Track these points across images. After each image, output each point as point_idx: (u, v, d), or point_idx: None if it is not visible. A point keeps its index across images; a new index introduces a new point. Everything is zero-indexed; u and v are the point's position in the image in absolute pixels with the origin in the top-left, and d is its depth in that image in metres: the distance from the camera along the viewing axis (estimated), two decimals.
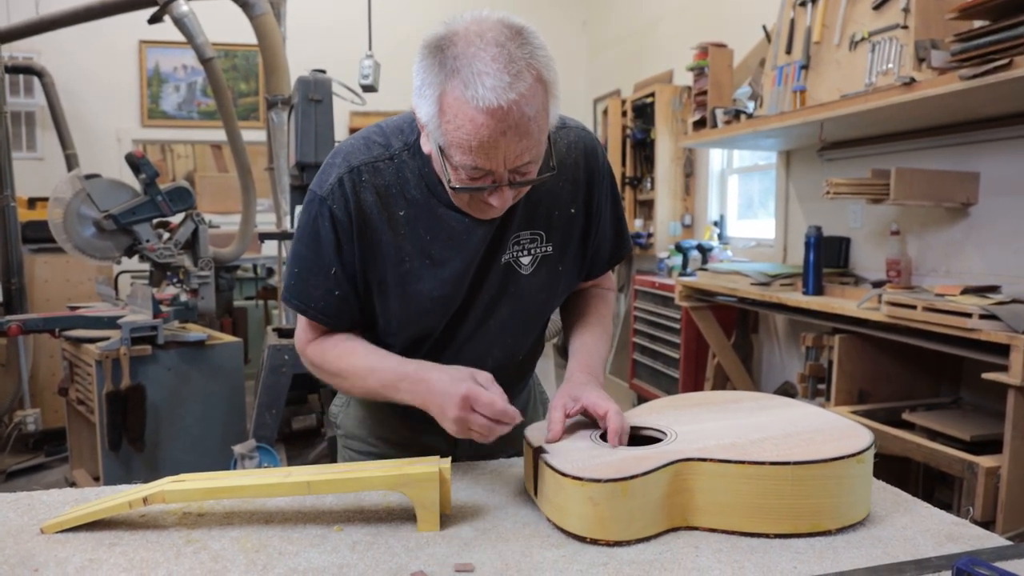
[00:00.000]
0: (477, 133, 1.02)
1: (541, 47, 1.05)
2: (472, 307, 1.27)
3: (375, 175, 1.19)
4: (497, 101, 1.00)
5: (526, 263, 1.27)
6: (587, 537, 1.02)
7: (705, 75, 4.20)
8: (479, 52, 1.01)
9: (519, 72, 1.01)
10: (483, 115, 1.01)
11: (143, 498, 1.07)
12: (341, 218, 1.19)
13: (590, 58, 7.46)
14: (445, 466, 1.09)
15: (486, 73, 1.00)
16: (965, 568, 0.87)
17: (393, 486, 1.08)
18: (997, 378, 2.30)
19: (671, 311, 4.72)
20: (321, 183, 1.21)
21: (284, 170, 3.85)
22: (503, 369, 1.35)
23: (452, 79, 1.02)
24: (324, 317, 1.26)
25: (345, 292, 1.23)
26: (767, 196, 4.78)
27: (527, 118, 1.02)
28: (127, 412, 3.18)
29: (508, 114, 1.01)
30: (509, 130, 1.02)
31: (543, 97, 1.05)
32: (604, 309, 1.42)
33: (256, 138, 5.87)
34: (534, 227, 1.26)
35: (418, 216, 1.21)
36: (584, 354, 1.31)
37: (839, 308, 3.01)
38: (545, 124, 1.07)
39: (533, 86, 1.03)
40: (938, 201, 2.97)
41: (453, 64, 1.02)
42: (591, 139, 1.32)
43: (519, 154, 1.05)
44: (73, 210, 3.46)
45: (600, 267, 1.40)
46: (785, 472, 1.01)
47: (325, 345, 1.29)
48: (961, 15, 2.45)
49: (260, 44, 3.91)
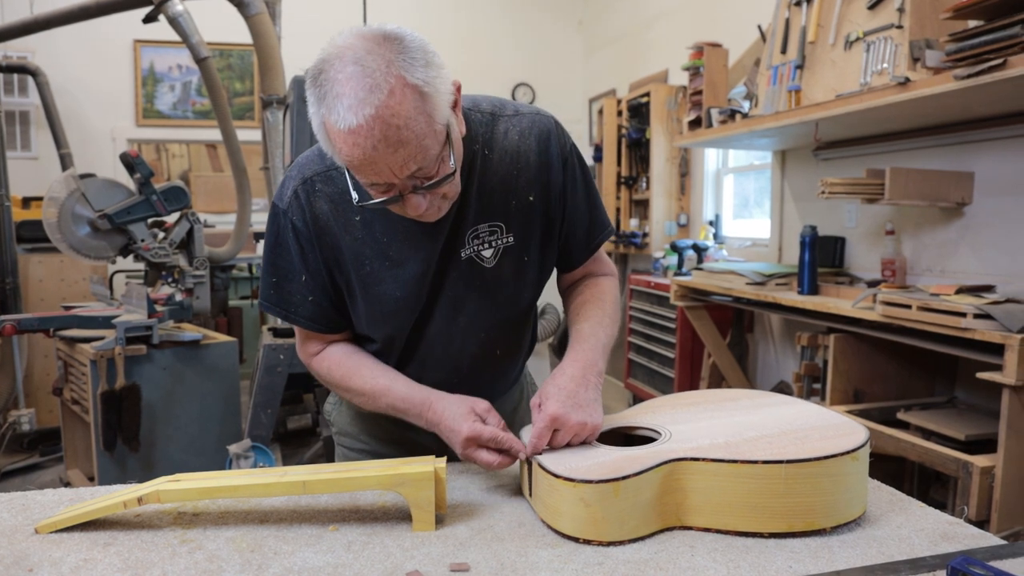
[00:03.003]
0: (351, 153, 1.03)
1: (408, 49, 1.03)
2: (438, 305, 1.28)
3: (327, 184, 1.22)
4: (356, 120, 0.99)
5: (488, 256, 1.27)
6: (580, 538, 1.02)
7: (700, 75, 4.21)
8: (337, 75, 1.01)
9: (375, 85, 0.99)
10: (349, 136, 1.01)
11: (138, 498, 1.07)
12: (301, 228, 1.23)
13: (585, 57, 7.46)
14: (440, 465, 1.09)
15: (343, 95, 1.00)
16: (960, 567, 0.87)
17: (388, 486, 1.08)
18: (991, 377, 2.31)
19: (666, 311, 4.72)
20: (281, 196, 1.25)
21: (279, 170, 3.85)
22: (483, 364, 1.36)
23: (322, 105, 1.03)
24: (308, 321, 1.29)
25: (318, 298, 1.28)
26: (762, 196, 4.78)
27: (395, 127, 1.00)
28: (122, 412, 3.17)
29: (372, 129, 1.00)
30: (379, 144, 1.01)
31: (413, 101, 1.01)
32: (601, 293, 1.38)
33: (251, 137, 5.86)
34: (492, 219, 1.25)
35: (374, 219, 1.22)
36: (576, 345, 1.29)
37: (834, 308, 3.01)
38: (426, 127, 1.03)
39: (395, 93, 1.00)
40: (933, 201, 2.98)
41: (321, 91, 1.02)
42: (546, 123, 1.28)
43: (402, 163, 1.03)
44: (68, 209, 3.45)
45: (581, 252, 1.38)
46: (778, 471, 1.01)
47: (330, 362, 1.33)
48: (955, 15, 2.45)
49: (255, 43, 3.89)
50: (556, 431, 1.13)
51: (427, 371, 1.33)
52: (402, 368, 1.34)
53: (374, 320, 1.28)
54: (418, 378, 1.33)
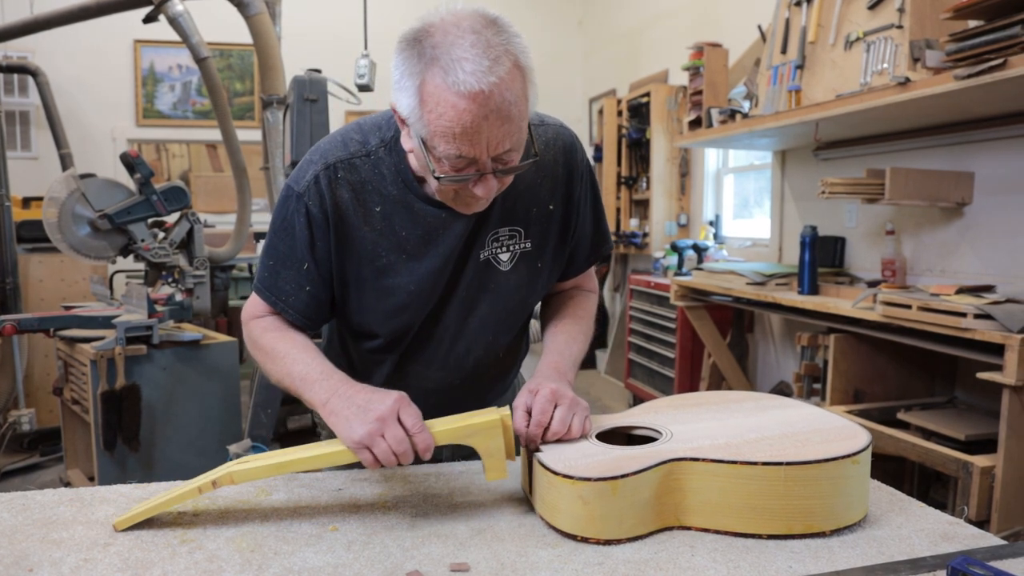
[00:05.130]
0: (460, 119, 1.02)
1: (517, 35, 1.06)
2: (451, 303, 1.28)
3: (351, 172, 1.21)
4: (478, 85, 1.00)
5: (505, 259, 1.27)
6: (578, 535, 1.02)
7: (701, 75, 4.21)
8: (457, 40, 1.01)
9: (498, 57, 1.01)
10: (464, 100, 1.01)
11: (212, 481, 1.07)
12: (316, 215, 1.20)
13: (585, 58, 7.46)
14: (506, 413, 1.11)
15: (465, 59, 1.00)
16: (960, 567, 0.87)
17: (459, 438, 1.10)
18: (992, 378, 2.31)
19: (667, 311, 4.72)
20: (298, 179, 1.22)
21: (279, 170, 3.85)
22: (485, 366, 1.36)
23: (431, 68, 1.02)
24: (293, 312, 1.26)
25: (316, 289, 1.25)
26: (762, 196, 4.78)
27: (508, 102, 1.03)
28: (122, 412, 3.17)
29: (489, 98, 1.01)
30: (491, 114, 1.02)
31: (522, 84, 1.05)
32: (581, 310, 1.41)
33: (251, 137, 5.85)
34: (513, 223, 1.26)
35: (394, 212, 1.22)
36: (554, 354, 1.30)
37: (834, 308, 3.01)
38: (525, 111, 1.07)
39: (512, 72, 1.03)
40: (933, 201, 2.98)
41: (432, 53, 1.02)
42: (570, 136, 1.33)
43: (501, 139, 1.05)
44: (68, 209, 3.45)
45: (578, 265, 1.41)
46: (777, 472, 1.01)
47: (268, 324, 1.27)
48: (956, 15, 2.45)
49: (255, 43, 3.89)
50: (556, 406, 1.14)
51: (431, 370, 1.33)
52: (405, 366, 1.34)
53: (385, 313, 1.26)
54: (421, 377, 1.33)
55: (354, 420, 1.07)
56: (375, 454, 1.06)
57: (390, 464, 1.06)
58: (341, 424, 1.09)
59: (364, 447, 1.06)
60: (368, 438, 1.05)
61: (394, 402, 1.08)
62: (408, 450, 1.06)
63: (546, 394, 1.14)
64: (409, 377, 1.34)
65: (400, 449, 1.05)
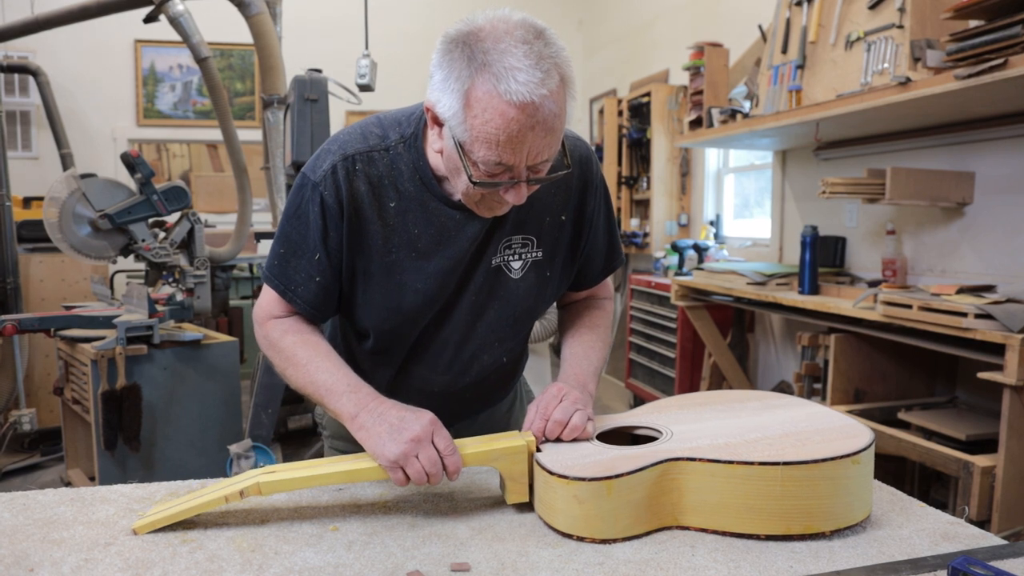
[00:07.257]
0: (507, 127, 1.03)
1: (563, 48, 1.07)
2: (459, 307, 1.27)
3: (369, 165, 1.20)
4: (529, 96, 1.01)
5: (516, 267, 1.28)
6: (574, 535, 1.02)
7: (701, 75, 4.21)
8: (510, 48, 1.02)
9: (548, 70, 1.03)
10: (514, 109, 1.02)
11: (239, 491, 1.07)
12: (331, 205, 1.19)
13: (586, 57, 7.46)
14: (531, 439, 1.12)
15: (518, 68, 1.01)
16: (961, 567, 0.87)
17: (485, 462, 1.11)
18: (992, 377, 2.31)
19: (667, 310, 4.72)
20: (314, 168, 1.21)
21: (280, 169, 3.85)
22: (490, 372, 1.36)
23: (482, 73, 1.02)
24: (302, 303, 1.25)
25: (327, 280, 1.23)
26: (763, 195, 4.78)
27: (553, 115, 1.04)
28: (123, 412, 3.17)
29: (538, 110, 1.02)
30: (537, 125, 1.03)
31: (566, 96, 1.07)
32: (599, 319, 1.43)
33: (252, 137, 5.85)
34: (526, 232, 1.26)
35: (408, 208, 1.21)
36: (573, 365, 1.32)
37: (835, 307, 3.01)
38: (564, 123, 1.09)
39: (559, 85, 1.05)
40: (934, 201, 2.98)
41: (483, 59, 1.02)
42: (587, 149, 1.33)
43: (541, 150, 1.07)
44: (68, 209, 3.45)
45: (593, 278, 1.42)
46: (774, 472, 1.00)
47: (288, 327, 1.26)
48: (956, 15, 2.45)
49: (256, 43, 3.89)
50: (560, 401, 1.17)
51: (436, 374, 1.33)
52: (409, 368, 1.33)
53: (390, 310, 1.25)
54: (425, 380, 1.33)
55: (387, 438, 1.08)
56: (408, 473, 1.07)
57: (420, 484, 1.08)
58: (373, 441, 1.10)
59: (398, 466, 1.07)
60: (403, 458, 1.07)
61: (429, 423, 1.10)
62: (440, 472, 1.08)
63: (553, 391, 1.19)
64: (413, 379, 1.34)
65: (433, 470, 1.07)
